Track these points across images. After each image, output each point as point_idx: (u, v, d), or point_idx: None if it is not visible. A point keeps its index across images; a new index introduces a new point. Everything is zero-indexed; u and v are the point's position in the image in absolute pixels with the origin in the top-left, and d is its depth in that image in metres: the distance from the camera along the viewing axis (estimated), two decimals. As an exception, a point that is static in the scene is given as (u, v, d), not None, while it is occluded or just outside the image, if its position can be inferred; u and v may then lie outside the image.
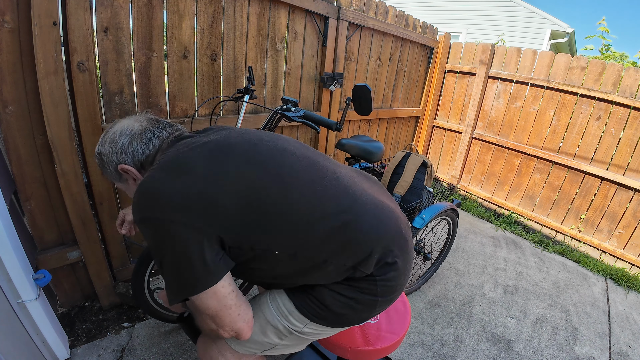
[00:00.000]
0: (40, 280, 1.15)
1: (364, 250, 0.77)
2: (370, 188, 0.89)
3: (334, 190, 0.79)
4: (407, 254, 0.87)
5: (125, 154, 0.80)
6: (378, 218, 0.81)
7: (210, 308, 0.70)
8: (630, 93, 2.47)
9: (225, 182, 0.70)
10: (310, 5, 2.04)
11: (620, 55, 4.92)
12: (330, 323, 0.83)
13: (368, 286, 0.80)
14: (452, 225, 2.07)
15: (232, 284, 0.73)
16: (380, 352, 1.01)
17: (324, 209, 0.75)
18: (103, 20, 1.32)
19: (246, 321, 0.76)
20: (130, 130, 0.81)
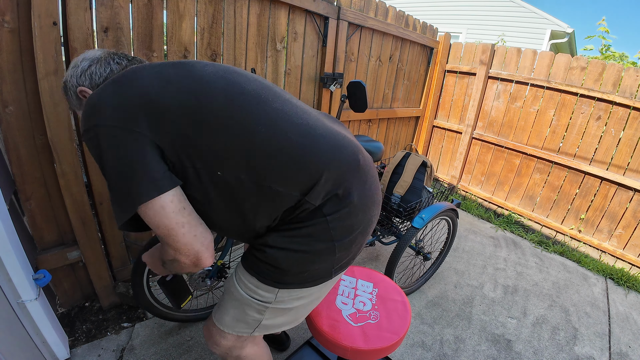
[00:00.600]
0: (40, 280, 1.15)
1: (313, 173, 0.71)
2: (327, 121, 0.85)
3: (287, 111, 0.75)
4: (366, 189, 0.80)
5: (84, 76, 0.80)
6: (331, 143, 0.76)
7: (161, 225, 0.66)
8: (630, 93, 2.47)
9: (169, 89, 0.69)
10: (310, 5, 2.04)
11: (620, 56, 4.92)
12: (297, 283, 0.79)
13: (319, 230, 0.73)
14: (452, 225, 2.07)
15: (184, 202, 0.69)
16: (380, 352, 1.01)
17: (274, 126, 0.71)
18: (103, 20, 1.32)
19: (205, 245, 0.71)
20: (92, 56, 0.82)
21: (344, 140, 0.79)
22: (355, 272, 1.32)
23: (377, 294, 1.21)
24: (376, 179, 0.87)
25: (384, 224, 2.01)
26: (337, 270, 0.83)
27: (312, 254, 0.75)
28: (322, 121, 0.82)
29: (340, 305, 1.15)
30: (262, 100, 0.74)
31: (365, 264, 2.26)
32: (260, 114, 0.72)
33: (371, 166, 0.86)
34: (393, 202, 1.89)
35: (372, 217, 0.83)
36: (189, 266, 0.73)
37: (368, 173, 0.82)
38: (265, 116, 0.72)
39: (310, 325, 1.09)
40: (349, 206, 0.75)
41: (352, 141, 0.83)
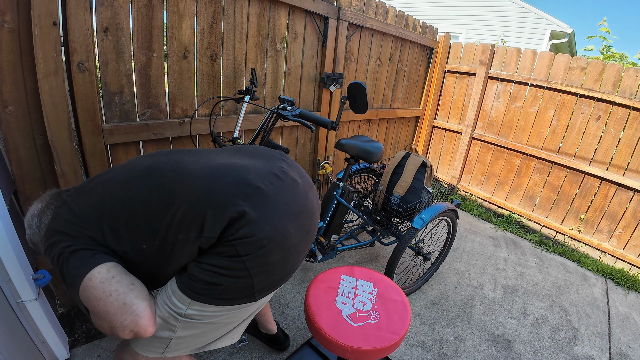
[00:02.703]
0: (40, 281, 1.15)
1: (196, 215, 0.74)
2: (222, 157, 0.87)
3: (170, 173, 0.81)
4: (268, 203, 0.79)
5: (41, 229, 0.87)
6: (207, 179, 0.78)
7: (90, 298, 0.71)
8: (630, 93, 2.47)
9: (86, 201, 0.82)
10: (310, 5, 2.04)
11: (620, 56, 4.92)
12: (210, 298, 0.78)
13: (225, 248, 0.75)
14: (452, 225, 2.07)
15: (114, 272, 0.74)
16: (380, 352, 1.01)
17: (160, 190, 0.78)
18: (103, 21, 1.32)
19: (137, 314, 0.71)
20: (36, 211, 0.89)
21: (225, 169, 0.82)
22: (355, 272, 1.32)
23: (377, 294, 1.21)
24: (292, 188, 0.86)
25: (384, 224, 2.01)
26: (261, 292, 0.82)
27: (223, 268, 0.75)
28: (212, 159, 0.86)
29: (340, 305, 1.14)
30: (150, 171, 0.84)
31: (365, 264, 2.26)
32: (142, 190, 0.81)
33: (280, 178, 0.85)
34: (393, 202, 1.89)
35: (285, 231, 0.80)
36: (130, 338, 0.75)
37: (270, 187, 0.81)
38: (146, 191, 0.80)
39: (310, 325, 1.09)
40: (246, 225, 0.74)
41: (241, 165, 0.84)
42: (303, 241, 0.87)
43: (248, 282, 0.77)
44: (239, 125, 1.54)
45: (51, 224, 0.82)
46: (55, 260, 0.76)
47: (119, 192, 0.81)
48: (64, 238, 0.77)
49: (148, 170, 0.83)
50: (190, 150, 0.93)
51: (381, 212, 1.99)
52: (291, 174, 0.90)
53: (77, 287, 0.72)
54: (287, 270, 0.86)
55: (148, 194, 0.78)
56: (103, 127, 1.40)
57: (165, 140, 1.66)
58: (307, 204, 0.89)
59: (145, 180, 0.81)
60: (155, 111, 1.59)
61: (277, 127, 2.23)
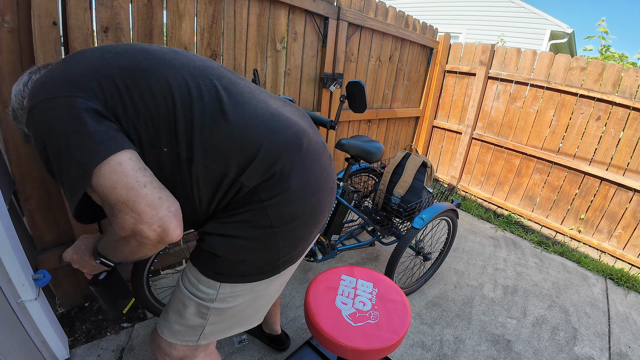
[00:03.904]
0: (39, 281, 1.15)
1: (248, 151, 0.67)
2: (275, 102, 0.80)
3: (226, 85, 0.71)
4: (310, 175, 0.74)
5: (27, 87, 0.72)
6: (271, 122, 0.71)
7: (118, 185, 0.58)
8: (630, 93, 2.47)
9: (101, 57, 0.66)
10: (310, 5, 2.05)
11: (620, 56, 4.93)
12: (238, 277, 0.73)
13: (256, 216, 0.69)
14: (452, 225, 2.07)
15: (144, 163, 0.63)
16: (380, 352, 1.01)
17: (206, 102, 0.67)
18: (103, 20, 1.32)
19: (170, 210, 0.62)
20: (29, 70, 0.76)
21: (287, 120, 0.74)
22: (355, 272, 1.32)
23: (377, 294, 1.21)
24: (327, 166, 0.81)
25: (384, 224, 2.01)
26: (285, 264, 0.78)
27: (250, 240, 0.69)
28: (268, 99, 0.77)
29: (340, 305, 1.15)
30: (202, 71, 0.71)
31: (365, 264, 2.27)
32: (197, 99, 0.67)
33: (321, 152, 0.80)
34: (393, 202, 1.89)
35: (316, 206, 0.76)
36: (152, 242, 0.62)
37: (314, 158, 0.76)
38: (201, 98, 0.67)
39: (310, 325, 1.09)
40: (287, 191, 0.70)
41: (297, 123, 0.77)
42: (325, 218, 0.84)
43: (276, 255, 0.74)
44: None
45: (45, 77, 0.64)
46: (47, 125, 0.59)
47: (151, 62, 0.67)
48: (67, 91, 0.60)
49: (197, 61, 0.72)
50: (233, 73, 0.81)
51: (381, 212, 1.99)
52: (328, 149, 0.86)
53: (90, 168, 0.57)
54: (308, 244, 0.83)
55: (191, 83, 0.67)
56: (103, 127, 1.40)
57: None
58: (333, 180, 0.86)
59: (189, 68, 0.69)
60: (155, 111, 1.59)
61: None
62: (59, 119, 0.59)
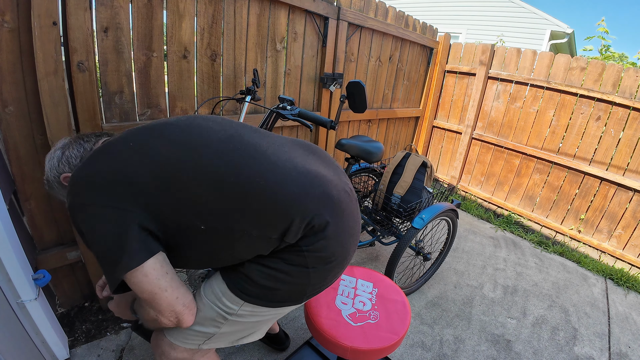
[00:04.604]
0: (39, 281, 1.15)
1: (283, 219, 0.74)
2: (300, 156, 0.85)
3: (248, 158, 0.77)
4: (343, 221, 0.82)
5: (62, 163, 0.84)
6: (299, 185, 0.77)
7: (145, 291, 0.69)
8: (630, 93, 2.47)
9: (141, 160, 0.73)
10: (310, 5, 2.04)
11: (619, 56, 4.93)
12: (264, 301, 0.79)
13: (295, 257, 0.76)
14: (452, 225, 2.07)
15: (167, 267, 0.72)
16: (380, 352, 1.01)
17: (236, 175, 0.73)
18: (103, 20, 1.32)
19: (186, 305, 0.75)
20: (61, 144, 0.87)
21: (317, 178, 0.81)
22: (355, 272, 1.32)
23: (376, 294, 1.21)
24: (355, 208, 0.89)
25: (384, 224, 2.01)
26: (310, 296, 0.85)
27: (286, 274, 0.77)
28: (292, 159, 0.82)
29: (340, 305, 1.15)
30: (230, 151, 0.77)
31: (365, 264, 2.26)
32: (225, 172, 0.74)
33: (349, 197, 0.87)
34: (393, 202, 1.89)
35: (349, 249, 0.86)
36: (170, 326, 0.77)
37: (344, 207, 0.83)
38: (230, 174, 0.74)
39: (310, 325, 1.09)
40: (324, 239, 0.77)
41: (325, 177, 0.83)
42: (352, 257, 0.92)
43: (304, 290, 0.81)
44: (239, 125, 1.54)
45: (87, 172, 0.73)
46: (90, 230, 0.69)
47: (182, 156, 0.73)
48: (110, 200, 0.69)
49: (224, 142, 0.77)
50: (259, 131, 0.88)
51: (381, 212, 1.99)
52: (353, 192, 0.93)
53: (121, 275, 0.68)
54: (334, 280, 0.91)
55: (223, 168, 0.73)
56: (103, 126, 1.40)
57: (165, 140, 1.66)
58: (360, 223, 0.94)
59: (219, 154, 0.75)
60: (155, 111, 1.59)
61: (277, 127, 2.23)
62: (101, 228, 0.68)
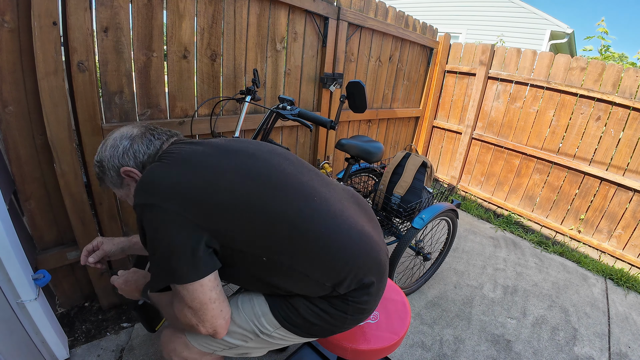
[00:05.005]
0: (39, 280, 1.15)
1: (341, 273, 0.80)
2: (356, 214, 0.92)
3: (320, 212, 0.81)
4: (382, 282, 0.90)
5: (127, 156, 0.81)
6: (360, 247, 0.83)
7: (196, 300, 0.71)
8: (630, 94, 2.47)
9: (222, 181, 0.74)
10: (310, 5, 2.04)
11: (619, 56, 4.93)
12: (299, 331, 0.85)
13: (340, 303, 0.83)
14: (452, 225, 2.07)
15: (218, 280, 0.75)
16: (380, 352, 1.01)
17: (307, 226, 0.78)
18: (103, 20, 1.32)
19: (226, 319, 0.77)
20: (129, 134, 0.84)
21: (371, 242, 0.88)
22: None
23: (376, 294, 1.21)
24: (387, 269, 0.95)
25: (384, 224, 2.01)
26: (332, 334, 0.91)
27: (329, 315, 0.83)
28: (351, 217, 0.88)
29: (340, 305, 1.14)
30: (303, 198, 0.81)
31: (365, 264, 2.26)
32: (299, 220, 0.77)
33: (387, 258, 0.94)
34: (393, 202, 1.89)
35: (378, 302, 0.94)
36: (202, 334, 0.78)
37: (385, 269, 0.91)
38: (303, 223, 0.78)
39: (310, 325, 1.09)
40: (369, 295, 0.85)
41: (378, 242, 0.91)
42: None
43: (335, 330, 0.87)
44: (240, 125, 1.54)
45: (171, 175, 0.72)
46: (156, 234, 0.69)
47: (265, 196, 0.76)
48: (183, 209, 0.69)
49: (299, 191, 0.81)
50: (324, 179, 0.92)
51: (381, 212, 1.99)
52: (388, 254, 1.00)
53: (179, 283, 0.70)
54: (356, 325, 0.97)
55: (300, 216, 0.77)
56: (103, 127, 1.40)
57: (165, 140, 1.66)
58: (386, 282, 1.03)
59: (297, 202, 0.79)
60: (155, 111, 1.59)
61: (277, 127, 2.23)
62: (168, 235, 0.68)
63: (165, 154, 0.80)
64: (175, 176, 0.72)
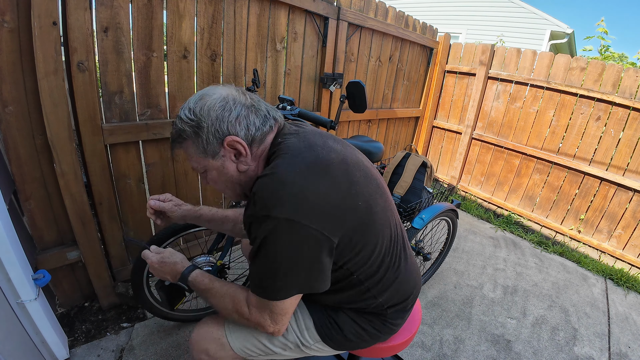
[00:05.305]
0: (39, 280, 1.15)
1: (403, 297, 0.89)
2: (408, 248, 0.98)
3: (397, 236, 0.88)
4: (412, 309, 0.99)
5: (240, 124, 0.70)
6: (416, 278, 0.95)
7: (285, 309, 0.72)
8: (629, 94, 2.47)
9: (353, 198, 0.70)
10: (310, 5, 2.04)
11: (619, 56, 4.93)
12: (337, 345, 0.88)
13: (379, 324, 0.88)
14: (452, 225, 2.07)
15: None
16: (391, 350, 1.01)
17: (393, 250, 0.84)
18: (103, 20, 1.32)
19: (285, 328, 0.78)
20: (241, 100, 0.71)
21: (417, 269, 0.98)
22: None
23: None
24: None
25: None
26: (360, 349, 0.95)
27: (367, 334, 0.87)
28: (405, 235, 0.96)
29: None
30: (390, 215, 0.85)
31: (365, 264, 2.26)
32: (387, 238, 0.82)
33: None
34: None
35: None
36: (266, 333, 0.77)
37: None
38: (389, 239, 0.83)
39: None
40: (402, 319, 0.93)
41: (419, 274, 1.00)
42: None
43: (362, 346, 0.92)
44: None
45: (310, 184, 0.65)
46: (277, 235, 0.63)
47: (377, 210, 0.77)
48: (317, 223, 0.64)
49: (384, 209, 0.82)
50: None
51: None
52: None
53: (287, 294, 0.69)
54: None
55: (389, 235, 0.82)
56: (103, 127, 1.40)
57: (166, 140, 1.66)
58: None
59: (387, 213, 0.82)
60: (155, 111, 1.59)
61: (277, 127, 2.22)
62: (301, 253, 0.65)
63: (288, 149, 0.70)
64: (317, 189, 0.65)
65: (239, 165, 0.75)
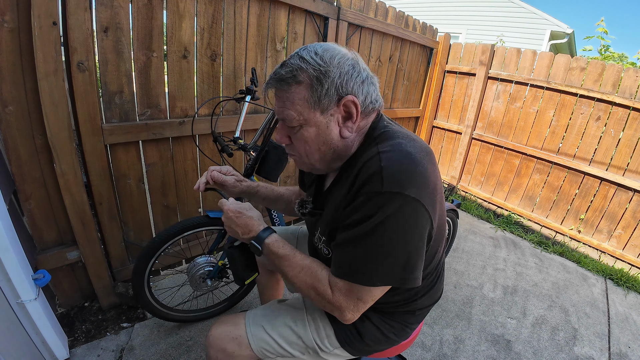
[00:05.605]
0: (39, 280, 1.15)
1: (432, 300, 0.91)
2: None
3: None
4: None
5: (364, 89, 0.67)
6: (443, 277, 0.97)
7: (375, 296, 0.69)
8: (629, 94, 2.47)
9: (440, 185, 0.72)
10: (310, 5, 2.04)
11: (619, 56, 4.93)
12: (354, 351, 0.88)
13: (400, 328, 0.88)
14: (452, 225, 2.07)
15: None
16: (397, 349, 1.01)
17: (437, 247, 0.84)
18: (103, 20, 1.32)
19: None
20: (367, 69, 0.70)
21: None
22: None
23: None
24: None
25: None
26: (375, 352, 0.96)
27: (386, 339, 0.87)
28: None
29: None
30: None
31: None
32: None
33: None
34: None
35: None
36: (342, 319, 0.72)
37: None
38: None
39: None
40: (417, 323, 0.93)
41: None
42: None
43: (380, 349, 0.91)
44: (240, 125, 1.54)
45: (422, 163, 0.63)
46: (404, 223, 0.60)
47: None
48: (431, 204, 0.63)
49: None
50: None
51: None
52: None
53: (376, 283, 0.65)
54: None
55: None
56: (103, 127, 1.40)
57: (165, 140, 1.66)
58: None
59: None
60: (155, 111, 1.59)
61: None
62: (416, 238, 0.63)
63: (399, 133, 0.70)
64: (433, 175, 0.65)
65: (342, 130, 0.69)
